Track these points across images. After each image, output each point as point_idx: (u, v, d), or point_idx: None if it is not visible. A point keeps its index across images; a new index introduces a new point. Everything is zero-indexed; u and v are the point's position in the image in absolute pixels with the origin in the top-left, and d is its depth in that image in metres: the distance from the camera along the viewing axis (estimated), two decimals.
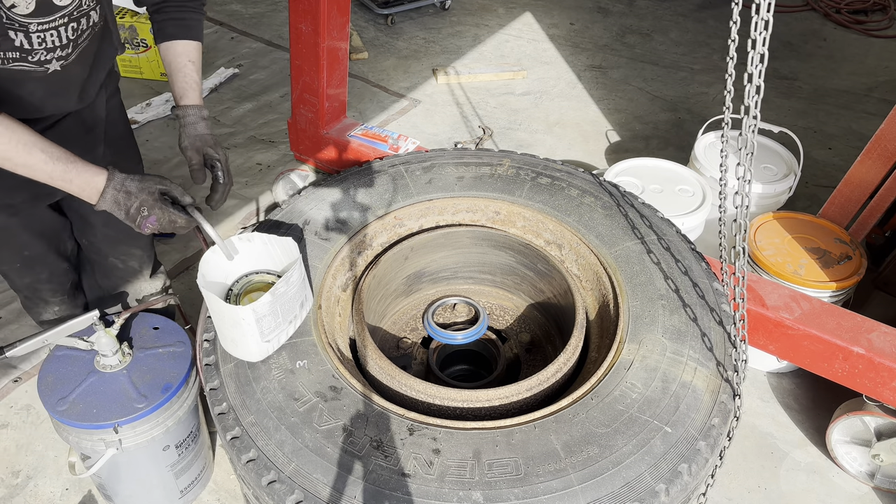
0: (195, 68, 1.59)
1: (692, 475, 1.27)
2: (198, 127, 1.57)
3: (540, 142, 3.67)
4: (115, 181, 1.37)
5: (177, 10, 1.59)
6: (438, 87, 4.09)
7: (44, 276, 1.81)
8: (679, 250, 1.72)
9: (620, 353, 1.49)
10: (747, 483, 2.09)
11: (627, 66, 4.43)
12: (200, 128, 1.58)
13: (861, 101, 4.14)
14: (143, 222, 1.40)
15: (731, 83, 1.40)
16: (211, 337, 1.53)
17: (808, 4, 5.30)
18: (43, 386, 1.62)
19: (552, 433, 1.32)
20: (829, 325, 1.84)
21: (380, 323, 1.94)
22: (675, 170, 2.65)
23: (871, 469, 2.10)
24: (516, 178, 1.94)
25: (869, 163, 2.41)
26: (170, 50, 1.59)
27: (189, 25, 1.59)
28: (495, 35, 4.70)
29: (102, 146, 1.71)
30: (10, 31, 1.28)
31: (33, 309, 1.92)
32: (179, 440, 1.75)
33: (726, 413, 1.38)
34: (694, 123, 3.68)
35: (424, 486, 1.23)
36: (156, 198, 1.40)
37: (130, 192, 1.38)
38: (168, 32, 1.58)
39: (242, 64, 4.15)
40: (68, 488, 2.01)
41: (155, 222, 1.41)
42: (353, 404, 1.37)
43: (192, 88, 1.58)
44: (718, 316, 1.56)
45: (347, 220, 1.82)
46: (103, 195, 1.36)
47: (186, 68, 1.58)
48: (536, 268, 1.87)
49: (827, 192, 2.68)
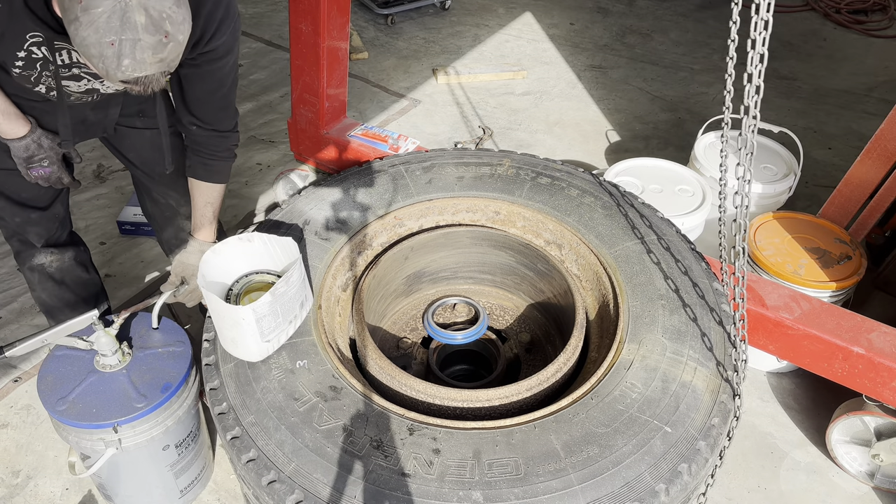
0: (212, 210, 1.81)
1: (692, 475, 1.27)
2: (191, 257, 1.79)
3: (540, 142, 3.67)
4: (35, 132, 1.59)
5: (209, 157, 1.75)
6: (438, 87, 4.09)
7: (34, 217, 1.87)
8: (679, 250, 1.72)
9: (620, 353, 1.49)
10: (747, 483, 2.09)
11: (627, 66, 4.43)
12: (193, 259, 1.79)
13: (861, 101, 4.14)
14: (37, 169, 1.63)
15: (731, 83, 1.40)
16: (211, 337, 1.53)
17: (808, 4, 5.30)
18: (43, 386, 1.62)
19: (552, 433, 1.32)
20: (828, 325, 1.84)
21: (380, 323, 1.94)
22: (675, 170, 2.65)
23: (870, 469, 2.10)
24: (516, 178, 1.94)
25: (869, 163, 2.41)
26: (195, 188, 1.79)
27: (216, 171, 1.77)
28: (495, 35, 4.70)
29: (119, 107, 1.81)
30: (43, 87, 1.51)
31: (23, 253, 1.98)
32: (179, 440, 1.75)
33: (726, 413, 1.38)
34: (694, 123, 3.68)
35: (424, 486, 1.23)
36: (60, 157, 1.65)
37: (42, 146, 1.61)
38: (198, 173, 1.77)
39: (242, 64, 4.14)
40: (68, 488, 2.01)
41: (48, 172, 1.65)
42: (353, 404, 1.37)
43: (203, 227, 1.82)
44: (718, 316, 1.56)
45: (347, 220, 1.82)
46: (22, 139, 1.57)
47: (205, 209, 1.80)
48: (536, 268, 1.87)
49: (827, 192, 2.68)
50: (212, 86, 1.63)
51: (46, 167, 1.64)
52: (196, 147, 1.75)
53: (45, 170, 1.65)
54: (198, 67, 1.55)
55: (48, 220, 1.90)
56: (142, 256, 2.79)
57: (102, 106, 1.74)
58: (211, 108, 1.68)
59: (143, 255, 2.80)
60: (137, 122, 1.88)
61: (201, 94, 1.64)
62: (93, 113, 1.74)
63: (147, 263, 2.76)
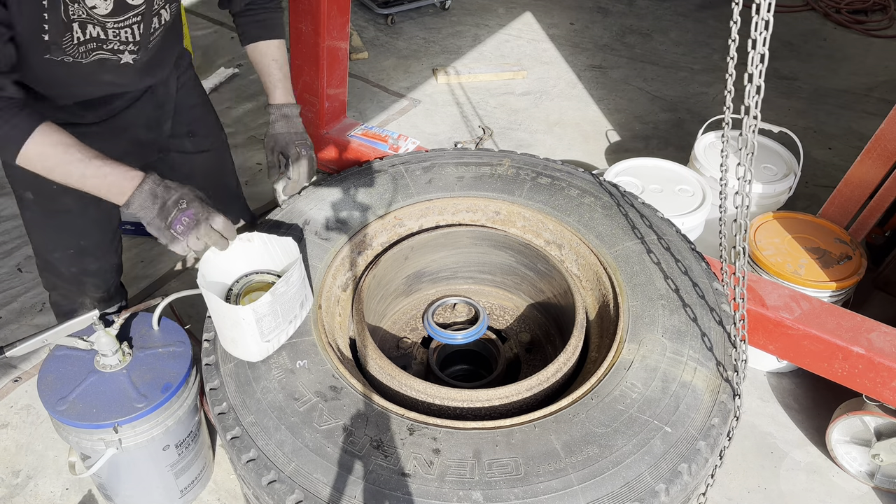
0: (278, 66, 1.68)
1: (692, 475, 1.27)
2: (276, 126, 1.67)
3: (540, 142, 3.67)
4: (154, 176, 1.36)
5: (258, 12, 1.67)
6: (438, 87, 4.09)
7: (92, 269, 1.81)
8: (679, 250, 1.72)
9: (620, 353, 1.49)
10: (747, 483, 2.09)
11: (627, 66, 4.43)
12: (279, 126, 1.67)
13: (861, 101, 4.14)
14: (179, 216, 1.33)
15: (732, 83, 1.40)
16: (211, 337, 1.53)
17: (808, 4, 5.30)
18: (43, 386, 1.62)
19: (552, 433, 1.32)
20: (829, 324, 1.84)
21: (380, 323, 1.94)
22: (675, 170, 2.65)
23: (870, 469, 2.10)
24: (516, 178, 1.94)
25: (869, 163, 2.41)
26: (255, 51, 1.68)
27: (270, 25, 1.68)
28: (495, 35, 4.70)
29: (170, 122, 1.78)
30: (89, 25, 1.35)
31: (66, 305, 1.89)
32: (179, 440, 1.75)
33: (726, 413, 1.38)
34: (694, 123, 3.68)
35: (424, 486, 1.23)
36: (196, 194, 1.38)
37: (170, 187, 1.36)
38: (251, 34, 1.67)
39: (242, 64, 4.14)
40: (68, 488, 2.01)
41: (192, 216, 1.34)
42: (353, 404, 1.37)
43: (275, 87, 1.68)
44: (718, 316, 1.56)
45: (347, 220, 1.82)
46: (141, 185, 1.33)
47: (270, 67, 1.67)
48: (536, 268, 1.87)
49: (827, 192, 2.68)
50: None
51: (187, 209, 1.34)
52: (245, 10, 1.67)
53: (188, 213, 1.34)
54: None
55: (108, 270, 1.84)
56: (142, 256, 2.79)
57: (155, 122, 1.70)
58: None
59: (144, 254, 2.80)
60: (188, 145, 1.84)
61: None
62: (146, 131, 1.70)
63: (147, 263, 2.76)
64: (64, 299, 1.90)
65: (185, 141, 1.84)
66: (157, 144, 1.78)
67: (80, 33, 1.35)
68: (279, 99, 1.69)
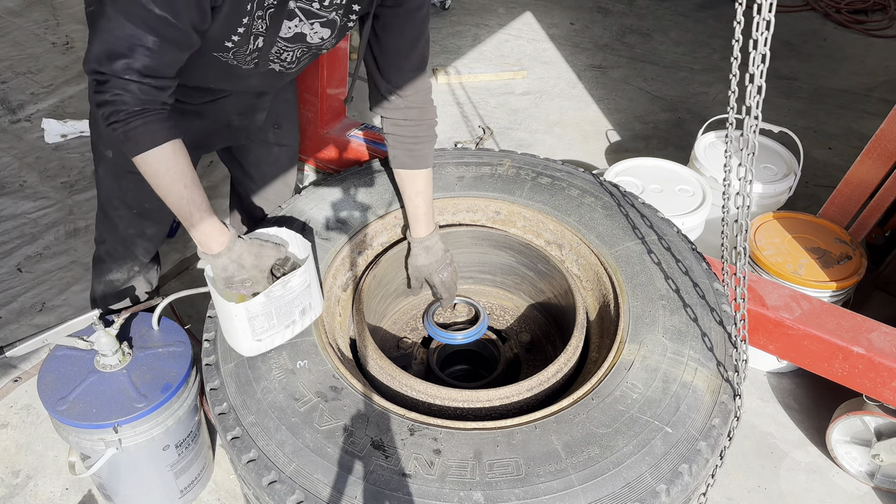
0: (423, 199, 1.70)
1: (693, 475, 1.27)
2: (419, 258, 1.74)
3: (540, 141, 3.67)
4: (234, 249, 1.40)
5: (410, 140, 1.66)
6: (438, 87, 4.08)
7: (149, 232, 1.84)
8: (679, 250, 1.71)
9: (621, 354, 1.48)
10: (747, 483, 2.09)
11: (627, 65, 4.43)
12: (421, 259, 1.74)
13: (861, 101, 4.14)
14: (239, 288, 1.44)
15: (735, 83, 1.40)
16: (211, 337, 1.52)
17: (808, 4, 5.30)
18: (43, 385, 1.62)
19: (553, 433, 1.32)
20: (829, 324, 1.84)
21: (380, 323, 1.94)
22: (675, 170, 2.65)
23: (871, 469, 2.10)
24: (516, 178, 1.94)
25: (869, 163, 2.41)
26: (401, 177, 1.71)
27: (420, 156, 1.68)
28: (495, 35, 4.70)
29: (265, 113, 1.82)
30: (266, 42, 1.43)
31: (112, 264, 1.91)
32: (179, 440, 1.75)
33: (727, 413, 1.38)
34: (694, 123, 3.68)
35: (425, 487, 1.23)
36: (265, 276, 1.45)
37: (244, 266, 1.41)
38: (400, 161, 1.69)
39: None
40: (68, 488, 2.01)
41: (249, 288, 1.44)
42: (353, 404, 1.37)
43: (417, 220, 1.72)
44: (719, 316, 1.55)
45: (348, 220, 1.82)
46: (218, 256, 1.39)
47: (416, 200, 1.70)
48: (537, 268, 1.87)
49: (827, 192, 2.68)
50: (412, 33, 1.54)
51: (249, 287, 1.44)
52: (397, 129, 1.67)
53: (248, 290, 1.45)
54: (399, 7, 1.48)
55: (160, 238, 1.90)
56: None
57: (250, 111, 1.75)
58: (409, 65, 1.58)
59: None
60: (270, 136, 1.91)
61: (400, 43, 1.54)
62: (239, 119, 1.74)
63: None
64: (108, 256, 1.91)
65: (269, 132, 1.90)
66: (247, 131, 1.83)
67: (253, 45, 1.43)
68: (421, 233, 1.73)
